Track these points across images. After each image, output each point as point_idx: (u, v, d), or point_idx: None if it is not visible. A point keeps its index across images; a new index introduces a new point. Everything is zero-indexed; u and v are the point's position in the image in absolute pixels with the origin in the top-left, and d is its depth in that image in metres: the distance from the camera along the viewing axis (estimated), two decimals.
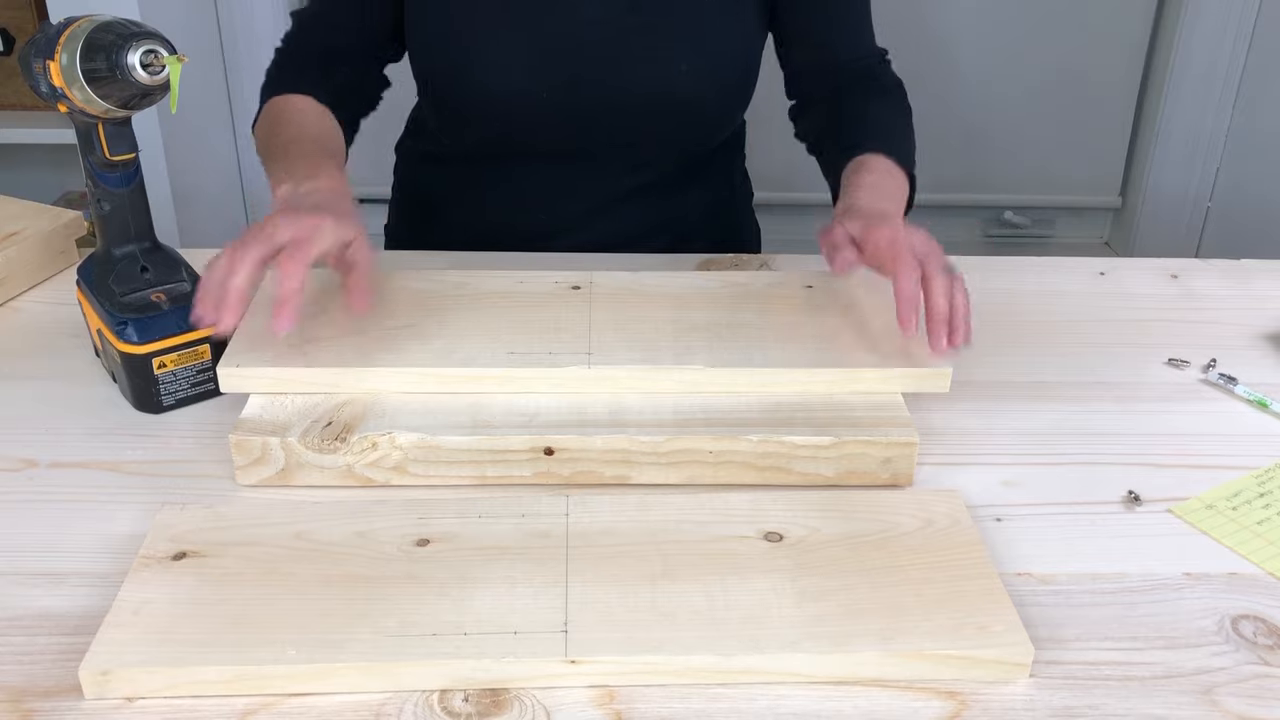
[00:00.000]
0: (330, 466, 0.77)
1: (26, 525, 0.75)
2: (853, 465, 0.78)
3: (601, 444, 0.78)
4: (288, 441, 0.76)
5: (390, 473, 0.78)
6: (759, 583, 0.67)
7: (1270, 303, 1.07)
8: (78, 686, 0.61)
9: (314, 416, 0.79)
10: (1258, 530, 0.76)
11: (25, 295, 1.04)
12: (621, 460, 0.78)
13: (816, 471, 0.79)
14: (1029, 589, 0.70)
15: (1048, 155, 2.66)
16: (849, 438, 0.78)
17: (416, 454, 0.77)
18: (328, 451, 0.77)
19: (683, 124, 1.12)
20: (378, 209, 1.33)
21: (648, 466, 0.78)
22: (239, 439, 0.77)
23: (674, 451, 0.78)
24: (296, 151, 0.92)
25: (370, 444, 0.77)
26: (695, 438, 0.78)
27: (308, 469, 0.77)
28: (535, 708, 0.61)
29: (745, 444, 0.78)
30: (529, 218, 1.17)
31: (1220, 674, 0.64)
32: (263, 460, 0.77)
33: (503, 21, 1.04)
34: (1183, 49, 2.49)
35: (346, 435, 0.77)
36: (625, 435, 0.78)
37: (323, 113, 1.01)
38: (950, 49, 2.53)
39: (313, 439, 0.77)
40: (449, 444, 0.77)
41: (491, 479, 0.79)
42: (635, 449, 0.78)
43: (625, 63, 1.05)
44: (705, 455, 0.78)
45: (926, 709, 0.61)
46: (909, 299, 0.80)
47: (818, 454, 0.78)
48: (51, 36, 0.78)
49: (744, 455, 0.78)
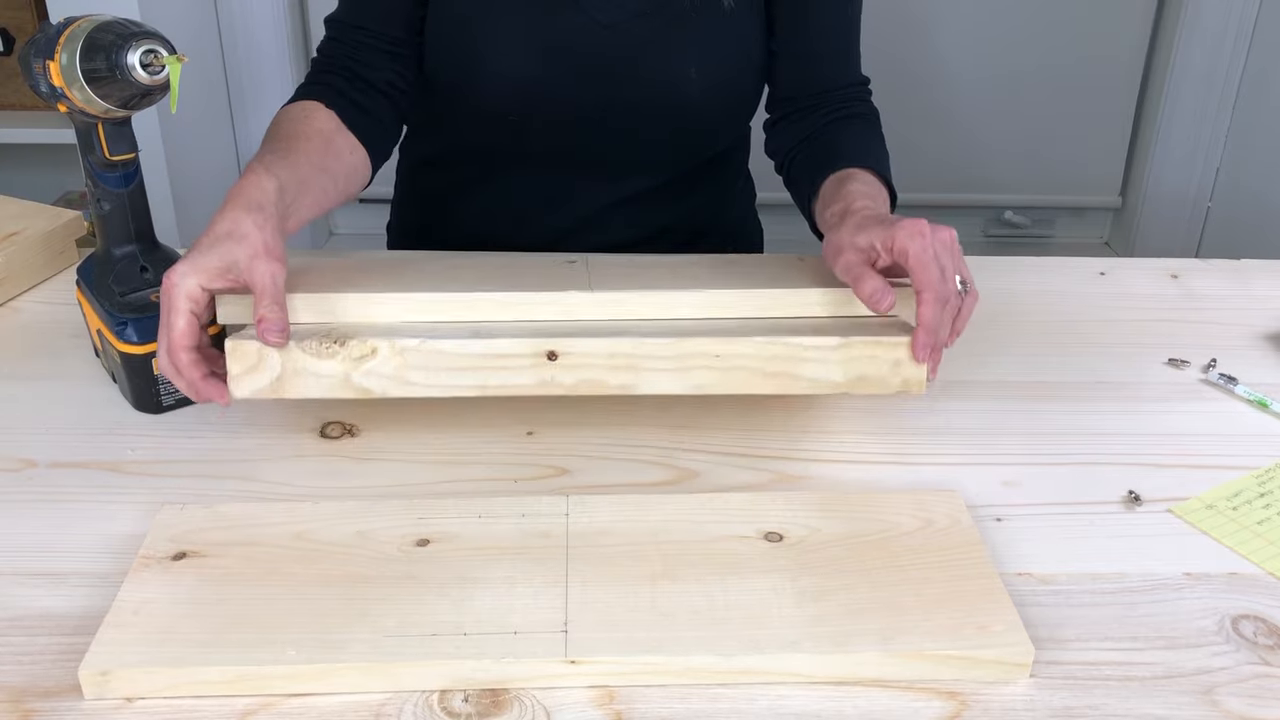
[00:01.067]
0: (327, 375, 0.75)
1: (26, 525, 0.75)
2: (862, 369, 0.77)
3: (606, 347, 0.76)
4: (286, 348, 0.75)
5: (388, 382, 0.76)
6: (759, 583, 0.67)
7: (1270, 303, 1.07)
8: (78, 686, 0.61)
9: (311, 331, 0.77)
10: (1258, 530, 0.76)
11: (25, 295, 1.04)
12: (627, 365, 0.77)
13: (826, 377, 0.77)
14: (1029, 589, 0.70)
15: (1048, 155, 2.66)
16: (856, 337, 0.77)
17: (416, 359, 0.76)
18: (325, 356, 0.75)
19: (690, 129, 1.11)
20: (378, 209, 1.33)
21: (654, 373, 0.77)
22: (235, 343, 0.75)
23: (680, 355, 0.76)
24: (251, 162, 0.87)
25: (369, 349, 0.75)
26: (701, 340, 0.76)
27: (303, 376, 0.75)
28: (535, 708, 0.61)
29: (753, 345, 0.76)
30: (532, 221, 1.16)
31: (1220, 674, 0.64)
32: (258, 368, 0.75)
33: (516, 20, 1.04)
34: (1183, 49, 2.49)
35: (344, 339, 0.76)
36: (630, 339, 0.76)
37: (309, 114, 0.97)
38: (951, 49, 2.53)
39: (310, 344, 0.75)
40: (449, 348, 0.76)
41: (493, 388, 0.77)
42: (641, 352, 0.76)
43: (634, 67, 1.05)
44: (712, 359, 0.77)
45: (926, 709, 0.61)
46: (930, 329, 0.76)
47: (826, 356, 0.77)
48: (51, 36, 0.78)
49: (751, 358, 0.77)
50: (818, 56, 1.09)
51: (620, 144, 1.10)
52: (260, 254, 0.76)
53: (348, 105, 1.00)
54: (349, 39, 1.04)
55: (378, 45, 1.04)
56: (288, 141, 0.91)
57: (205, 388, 0.77)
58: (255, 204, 0.79)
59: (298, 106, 0.98)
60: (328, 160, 0.94)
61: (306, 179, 0.88)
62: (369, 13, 1.05)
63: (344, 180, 0.96)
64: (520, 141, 1.11)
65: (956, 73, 2.55)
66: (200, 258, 0.76)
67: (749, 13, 1.06)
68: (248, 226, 0.77)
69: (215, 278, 0.76)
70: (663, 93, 1.06)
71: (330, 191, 0.93)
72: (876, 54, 1.12)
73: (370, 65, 1.04)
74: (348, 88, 1.01)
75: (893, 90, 1.11)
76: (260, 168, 0.83)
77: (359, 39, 1.04)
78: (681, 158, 1.16)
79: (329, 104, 0.98)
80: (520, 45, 1.04)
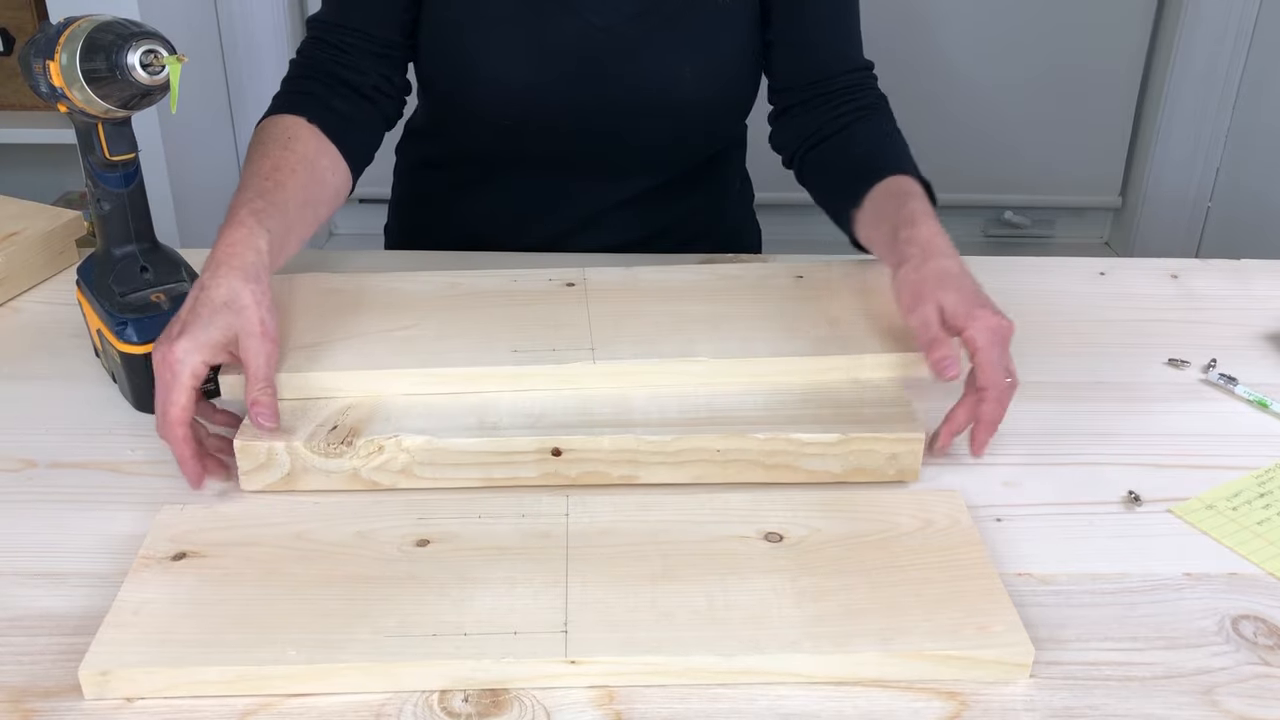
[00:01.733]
0: (336, 471, 0.77)
1: (26, 525, 0.75)
2: (860, 462, 0.78)
3: (609, 444, 0.77)
4: (293, 446, 0.76)
5: (397, 476, 0.78)
6: (759, 583, 0.67)
7: (1270, 303, 1.07)
8: (78, 686, 0.61)
9: (318, 420, 0.78)
10: (1258, 530, 0.76)
11: (25, 295, 1.04)
12: (629, 460, 0.78)
13: (824, 469, 0.79)
14: (1029, 589, 0.70)
15: (1048, 155, 2.66)
16: (855, 434, 0.78)
17: (423, 456, 0.77)
18: (334, 456, 0.76)
19: (686, 129, 1.11)
20: (378, 209, 1.33)
21: (655, 466, 0.78)
22: (244, 444, 0.76)
23: (681, 451, 0.78)
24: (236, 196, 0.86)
25: (376, 448, 0.77)
26: (702, 436, 0.78)
27: (313, 473, 0.77)
28: (535, 708, 0.61)
29: (752, 442, 0.78)
30: (529, 222, 1.16)
31: (1220, 674, 0.64)
32: (268, 465, 0.77)
33: (511, 22, 1.03)
34: (1183, 49, 2.49)
35: (352, 439, 0.77)
36: (632, 435, 0.78)
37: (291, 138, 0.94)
38: (951, 49, 2.53)
39: (318, 443, 0.76)
40: (455, 446, 0.77)
41: (498, 480, 0.78)
42: (643, 449, 0.78)
43: (629, 68, 1.05)
44: (713, 454, 0.78)
45: (927, 709, 0.61)
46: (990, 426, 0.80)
47: (825, 451, 0.78)
48: (51, 36, 0.78)
49: (751, 453, 0.78)
50: (814, 45, 1.07)
51: (617, 145, 1.10)
52: (256, 333, 0.77)
53: (329, 115, 0.97)
54: (334, 40, 1.02)
55: (366, 47, 1.02)
56: (275, 177, 0.89)
57: (193, 465, 0.76)
58: (253, 273, 0.79)
59: (280, 126, 0.95)
60: (312, 191, 0.92)
61: (293, 223, 0.87)
62: (357, 13, 1.02)
63: (325, 208, 0.95)
64: (517, 145, 1.11)
65: (957, 73, 2.55)
66: (201, 333, 0.76)
67: (742, 8, 1.06)
68: (246, 299, 0.77)
69: (218, 353, 0.77)
70: (658, 93, 1.06)
71: (312, 224, 0.92)
72: (877, 54, 1.12)
73: (356, 69, 1.02)
74: (329, 95, 0.99)
75: (893, 90, 1.10)
76: (252, 220, 0.82)
77: (346, 40, 1.02)
78: (679, 158, 1.16)
79: (310, 117, 0.96)
80: (515, 50, 1.04)
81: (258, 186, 0.87)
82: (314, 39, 1.04)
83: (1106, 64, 2.57)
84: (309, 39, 1.04)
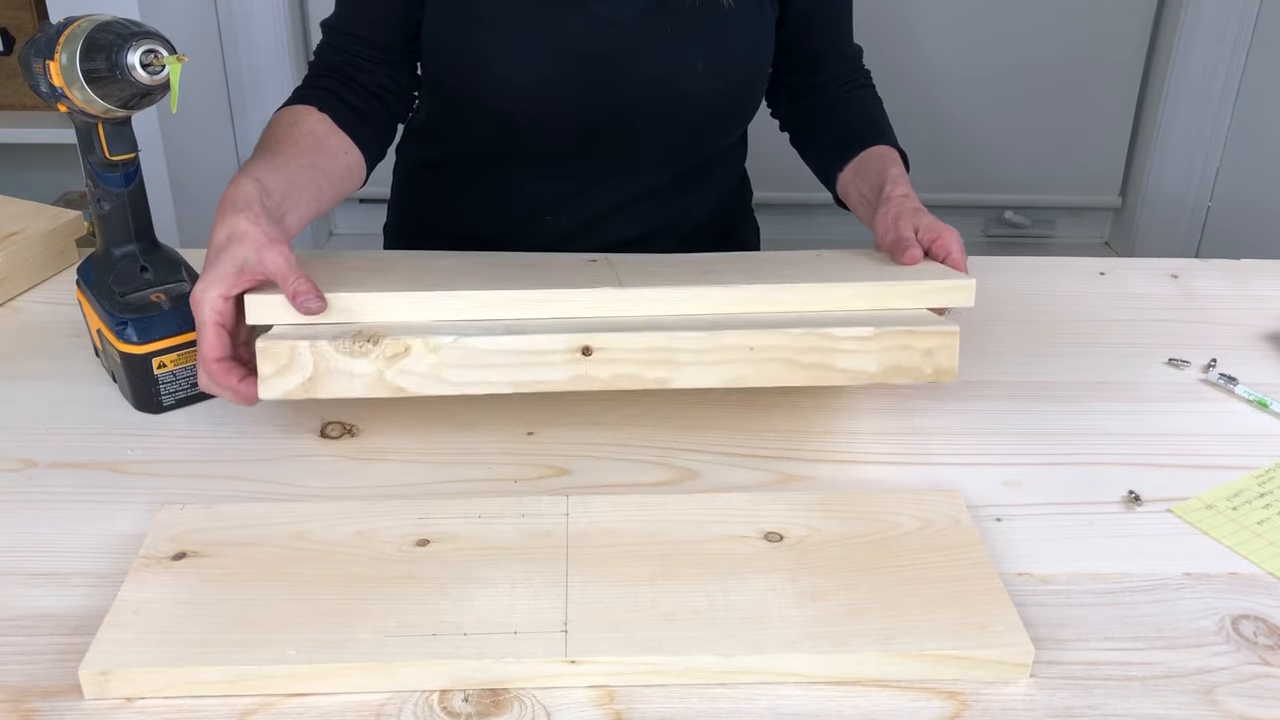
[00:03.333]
0: (360, 373, 0.75)
1: (26, 525, 0.75)
2: (896, 359, 0.77)
3: (641, 341, 0.76)
4: (317, 345, 0.74)
5: (422, 380, 0.76)
6: (759, 583, 0.67)
7: (1270, 303, 1.07)
8: (78, 686, 0.61)
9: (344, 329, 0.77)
10: (1258, 530, 0.76)
11: (25, 295, 1.04)
12: (663, 360, 0.76)
13: (860, 368, 0.78)
14: (1029, 589, 0.70)
15: (1048, 155, 2.66)
16: (891, 329, 0.77)
17: (450, 357, 0.75)
18: (358, 355, 0.75)
19: (695, 126, 1.12)
20: (377, 209, 1.33)
21: (689, 366, 0.77)
22: (266, 344, 0.74)
23: (716, 348, 0.77)
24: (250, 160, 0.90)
25: (403, 346, 0.75)
26: (737, 333, 0.77)
27: (336, 375, 0.75)
28: (535, 708, 0.61)
29: (788, 337, 0.77)
30: (530, 222, 1.16)
31: (1220, 674, 0.64)
32: (290, 367, 0.75)
33: (521, 17, 1.04)
34: (1183, 49, 2.49)
35: (378, 338, 0.75)
36: (665, 334, 0.76)
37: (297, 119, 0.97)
38: (952, 49, 2.53)
39: (343, 342, 0.75)
40: (484, 345, 0.76)
41: (527, 384, 0.77)
42: (676, 345, 0.76)
43: (642, 64, 1.05)
44: (747, 352, 0.77)
45: (926, 709, 0.61)
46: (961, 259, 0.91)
47: (861, 346, 0.77)
48: (51, 36, 0.78)
49: (786, 350, 0.77)
50: (819, 52, 1.15)
51: (625, 142, 1.10)
52: (265, 244, 0.78)
53: (341, 107, 1.01)
54: (342, 44, 1.06)
55: (371, 53, 1.05)
56: (274, 145, 0.93)
57: (244, 388, 0.78)
58: (241, 204, 0.81)
59: (288, 111, 0.99)
60: (319, 159, 0.95)
61: (295, 178, 0.89)
62: (360, 20, 1.06)
63: (340, 179, 0.98)
64: (524, 141, 1.11)
65: (957, 72, 2.55)
66: (212, 271, 0.78)
67: (755, 10, 1.07)
68: (243, 225, 0.79)
69: (233, 282, 0.78)
70: (669, 90, 1.06)
71: (325, 189, 0.94)
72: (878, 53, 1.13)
73: (365, 71, 1.05)
74: (342, 90, 1.02)
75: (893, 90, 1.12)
76: (240, 176, 0.85)
77: (353, 46, 1.05)
78: (685, 156, 1.16)
79: (321, 107, 0.99)
80: (525, 45, 1.04)
81: (256, 156, 0.91)
82: (325, 42, 1.08)
83: (1106, 64, 2.57)
84: (322, 43, 1.08)
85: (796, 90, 1.18)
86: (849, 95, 1.16)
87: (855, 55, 1.18)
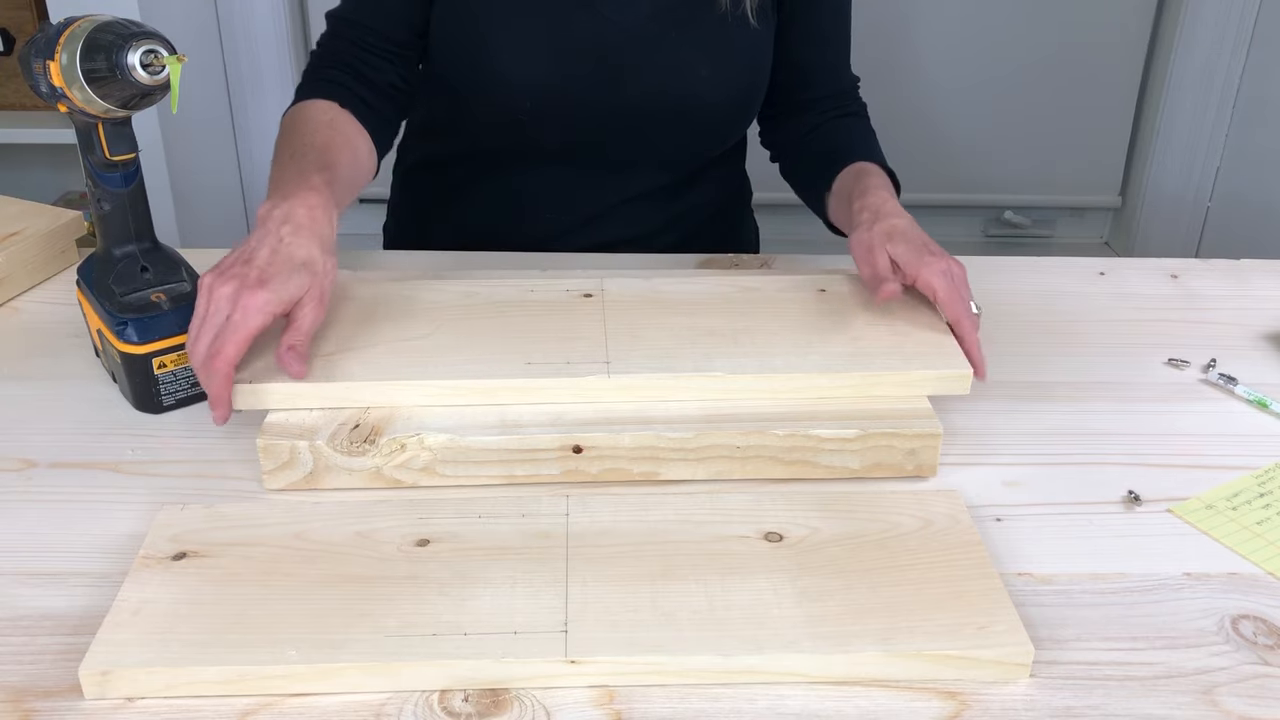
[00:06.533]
0: (359, 469, 0.77)
1: (26, 525, 0.75)
2: (878, 457, 0.79)
3: (630, 441, 0.78)
4: (316, 445, 0.76)
5: (419, 474, 0.78)
6: (759, 583, 0.67)
7: (1270, 303, 1.07)
8: (78, 686, 0.61)
9: (340, 420, 0.79)
10: (1258, 530, 0.76)
11: (25, 295, 1.04)
12: (650, 457, 0.78)
13: (843, 465, 0.79)
14: (1029, 589, 0.70)
15: (1048, 155, 2.66)
16: (875, 429, 0.78)
17: (446, 455, 0.77)
18: (356, 454, 0.77)
19: (698, 129, 1.12)
20: (377, 209, 1.33)
21: (675, 462, 0.78)
22: (267, 443, 0.76)
23: (702, 447, 0.78)
24: (291, 165, 0.90)
25: (399, 445, 0.77)
26: (722, 432, 0.78)
27: (336, 472, 0.77)
28: (535, 708, 0.61)
29: (772, 438, 0.78)
30: (531, 221, 1.16)
31: (1220, 674, 0.64)
32: (291, 464, 0.77)
33: (528, 17, 1.04)
34: (1183, 49, 2.49)
35: (375, 438, 0.77)
36: (653, 432, 0.78)
37: (333, 120, 0.98)
38: (951, 49, 2.53)
39: (341, 442, 0.77)
40: (478, 444, 0.77)
41: (520, 478, 0.79)
42: (663, 445, 0.78)
43: (645, 66, 1.05)
44: (732, 450, 0.78)
45: (926, 709, 0.61)
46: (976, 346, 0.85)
47: (844, 446, 0.78)
48: (51, 36, 0.78)
49: (771, 449, 0.78)
50: (815, 67, 1.14)
51: (628, 143, 1.10)
52: (316, 299, 0.80)
53: (359, 104, 1.01)
54: (350, 36, 1.05)
55: (380, 47, 1.05)
56: (329, 155, 0.92)
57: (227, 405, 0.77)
58: (328, 245, 0.82)
59: (319, 108, 0.99)
60: (352, 173, 0.96)
61: (342, 199, 0.91)
62: (370, 12, 1.05)
63: (358, 189, 0.99)
64: (527, 140, 1.11)
65: (957, 73, 2.55)
66: (282, 288, 0.77)
67: (758, 17, 1.07)
68: (320, 267, 0.80)
69: (287, 305, 0.78)
70: (675, 92, 1.06)
71: (346, 202, 0.94)
72: (878, 53, 1.13)
73: (373, 66, 1.05)
74: (355, 84, 1.02)
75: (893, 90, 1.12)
76: (326, 190, 0.86)
77: (361, 39, 1.05)
78: (687, 157, 1.16)
79: (343, 103, 1.00)
80: (532, 45, 1.04)
81: (317, 160, 0.90)
82: (333, 33, 1.07)
83: (1106, 64, 2.57)
84: (328, 32, 1.08)
85: (785, 108, 1.15)
86: (837, 122, 1.13)
87: (850, 82, 1.16)
